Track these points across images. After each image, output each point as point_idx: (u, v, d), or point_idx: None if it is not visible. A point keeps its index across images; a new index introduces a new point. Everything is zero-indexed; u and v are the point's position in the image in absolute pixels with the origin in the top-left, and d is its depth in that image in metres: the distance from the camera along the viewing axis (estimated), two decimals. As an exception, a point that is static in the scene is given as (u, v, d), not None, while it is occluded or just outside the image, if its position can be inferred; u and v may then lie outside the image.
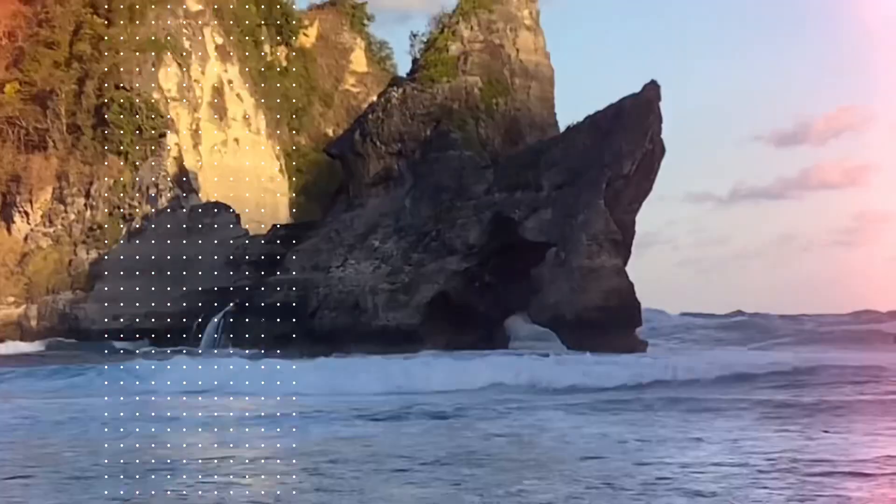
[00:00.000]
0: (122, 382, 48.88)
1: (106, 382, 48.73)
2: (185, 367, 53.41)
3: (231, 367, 53.02)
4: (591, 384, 47.42)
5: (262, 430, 31.94)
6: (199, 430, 32.23)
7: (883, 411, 35.82)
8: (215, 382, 48.37)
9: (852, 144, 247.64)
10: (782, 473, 22.81)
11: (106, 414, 36.09)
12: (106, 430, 31.52)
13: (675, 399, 39.93)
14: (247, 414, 37.18)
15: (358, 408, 37.65)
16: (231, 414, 37.38)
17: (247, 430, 31.95)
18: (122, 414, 36.09)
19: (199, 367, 52.82)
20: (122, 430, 31.61)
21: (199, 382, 47.38)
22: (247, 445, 28.32)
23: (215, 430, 32.47)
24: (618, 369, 51.40)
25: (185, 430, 32.47)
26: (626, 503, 19.74)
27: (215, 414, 36.99)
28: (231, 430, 31.97)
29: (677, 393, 42.99)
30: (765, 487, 21.19)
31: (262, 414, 36.91)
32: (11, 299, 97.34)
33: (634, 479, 22.26)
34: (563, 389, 45.98)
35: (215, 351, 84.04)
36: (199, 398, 43.19)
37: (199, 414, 36.56)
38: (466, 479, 22.59)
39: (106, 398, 42.36)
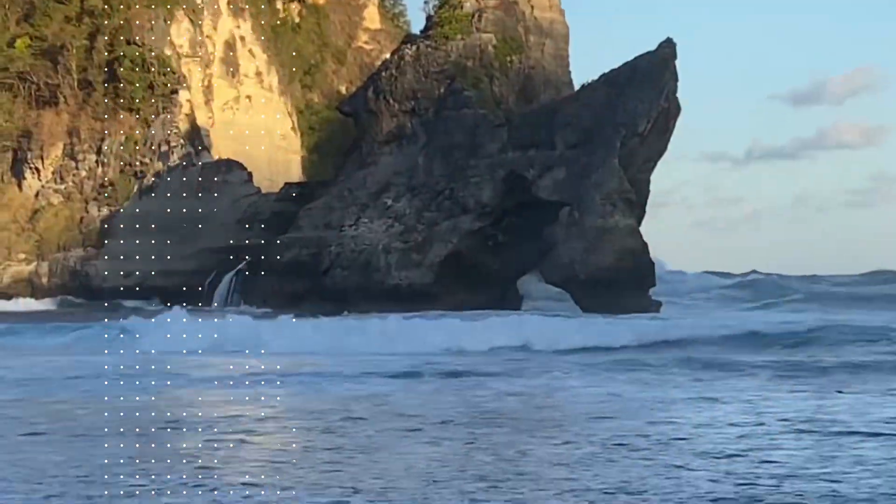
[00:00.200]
0: (122, 338, 48.58)
1: (106, 336, 48.45)
2: (184, 320, 53.24)
3: (231, 324, 52.80)
4: (602, 344, 47.12)
5: (269, 387, 31.63)
6: (206, 387, 32.01)
7: (897, 371, 35.56)
8: (215, 335, 48.05)
9: (869, 104, 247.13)
10: (799, 434, 22.48)
11: (107, 367, 35.96)
12: (113, 387, 31.31)
13: (687, 359, 39.63)
14: (248, 368, 36.95)
15: (368, 367, 37.38)
16: (232, 369, 37.13)
17: (249, 386, 31.66)
18: (122, 368, 35.93)
19: (199, 320, 52.65)
20: (129, 387, 31.41)
21: (199, 336, 47.00)
22: (254, 403, 28.04)
23: (220, 387, 32.21)
24: (629, 329, 51.05)
25: (190, 388, 32.18)
26: (640, 463, 19.43)
27: (218, 371, 36.72)
28: (237, 387, 31.70)
29: (690, 353, 42.74)
30: (781, 448, 20.85)
31: (263, 369, 36.64)
32: (22, 256, 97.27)
33: (649, 438, 21.96)
34: (573, 350, 45.69)
35: (214, 305, 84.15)
36: (201, 354, 42.95)
37: (204, 372, 36.31)
38: (479, 437, 22.31)
39: (107, 352, 42.16)
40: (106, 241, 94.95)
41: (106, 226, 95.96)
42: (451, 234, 77.98)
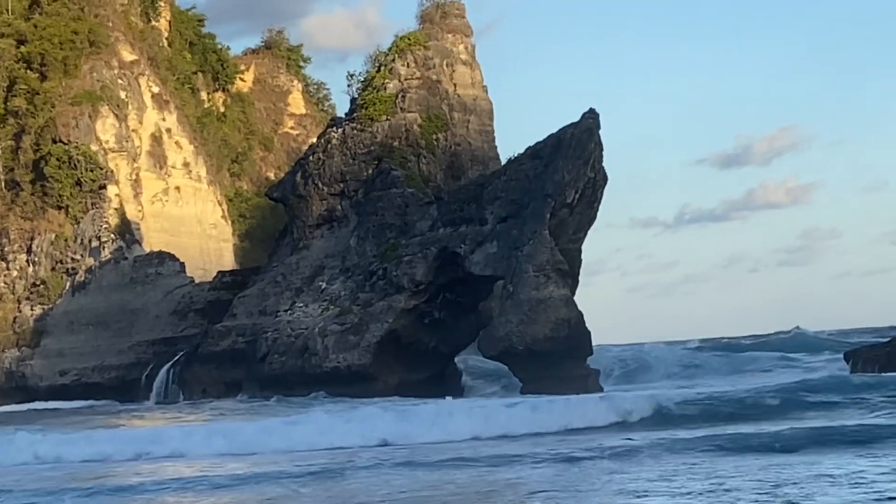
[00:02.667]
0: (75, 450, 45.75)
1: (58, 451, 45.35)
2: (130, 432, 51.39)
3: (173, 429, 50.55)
4: (554, 428, 44.50)
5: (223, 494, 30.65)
6: (158, 497, 30.68)
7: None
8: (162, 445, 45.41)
9: (795, 163, 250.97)
10: None
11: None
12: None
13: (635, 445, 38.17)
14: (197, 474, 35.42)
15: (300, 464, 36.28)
16: (186, 476, 35.60)
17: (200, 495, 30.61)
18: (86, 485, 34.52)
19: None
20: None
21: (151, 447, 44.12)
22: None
23: (177, 496, 30.89)
24: (588, 410, 48.09)
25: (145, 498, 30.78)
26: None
27: (170, 479, 34.80)
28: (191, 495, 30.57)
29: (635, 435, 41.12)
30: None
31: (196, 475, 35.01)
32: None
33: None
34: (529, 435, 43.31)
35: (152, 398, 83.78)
36: (150, 464, 40.53)
37: (152, 480, 34.49)
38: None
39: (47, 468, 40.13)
40: (41, 340, 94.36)
41: (45, 325, 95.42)
42: (387, 313, 78.03)
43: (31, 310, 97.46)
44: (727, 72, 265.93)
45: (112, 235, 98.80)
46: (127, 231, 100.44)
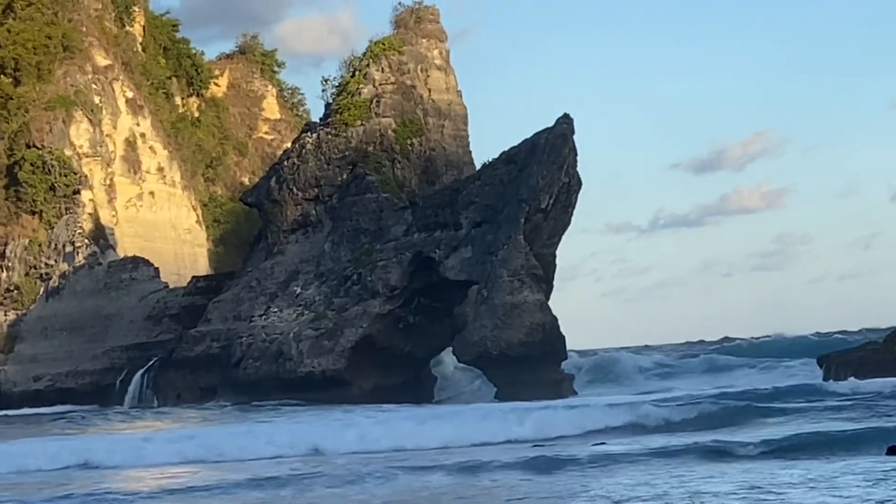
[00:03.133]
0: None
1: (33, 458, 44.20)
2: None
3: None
4: (539, 436, 44.07)
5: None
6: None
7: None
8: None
9: (768, 168, 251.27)
10: None
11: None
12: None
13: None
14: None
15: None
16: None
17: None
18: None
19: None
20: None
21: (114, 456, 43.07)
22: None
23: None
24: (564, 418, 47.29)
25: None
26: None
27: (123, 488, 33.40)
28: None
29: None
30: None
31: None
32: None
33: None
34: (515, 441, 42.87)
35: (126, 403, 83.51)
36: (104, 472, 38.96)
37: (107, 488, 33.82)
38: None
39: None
40: (14, 346, 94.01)
41: (18, 330, 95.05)
42: (362, 318, 78.08)
43: (5, 315, 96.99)
44: (701, 76, 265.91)
45: (86, 240, 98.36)
46: (101, 236, 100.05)
